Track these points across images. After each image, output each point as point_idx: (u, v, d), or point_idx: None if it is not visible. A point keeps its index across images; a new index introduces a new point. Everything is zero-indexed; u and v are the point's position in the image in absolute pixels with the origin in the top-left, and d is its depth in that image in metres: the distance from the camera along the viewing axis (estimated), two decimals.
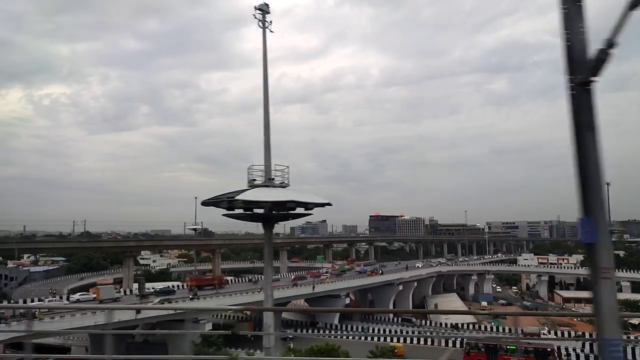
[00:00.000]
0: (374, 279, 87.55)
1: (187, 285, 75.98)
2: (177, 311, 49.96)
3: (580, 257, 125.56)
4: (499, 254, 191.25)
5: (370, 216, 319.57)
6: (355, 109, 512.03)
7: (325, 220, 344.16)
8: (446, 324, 77.27)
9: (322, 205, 21.92)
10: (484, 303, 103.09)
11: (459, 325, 74.80)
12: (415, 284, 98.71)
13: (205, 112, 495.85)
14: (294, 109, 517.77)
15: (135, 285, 80.00)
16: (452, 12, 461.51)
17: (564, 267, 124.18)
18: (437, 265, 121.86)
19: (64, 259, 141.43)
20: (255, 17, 23.08)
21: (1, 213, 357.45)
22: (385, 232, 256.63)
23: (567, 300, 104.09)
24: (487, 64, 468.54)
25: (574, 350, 54.93)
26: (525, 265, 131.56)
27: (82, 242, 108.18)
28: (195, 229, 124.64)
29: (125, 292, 72.76)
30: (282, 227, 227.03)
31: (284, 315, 78.77)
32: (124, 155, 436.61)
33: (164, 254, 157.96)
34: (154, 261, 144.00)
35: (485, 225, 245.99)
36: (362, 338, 65.42)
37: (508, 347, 43.64)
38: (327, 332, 66.59)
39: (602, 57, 4.02)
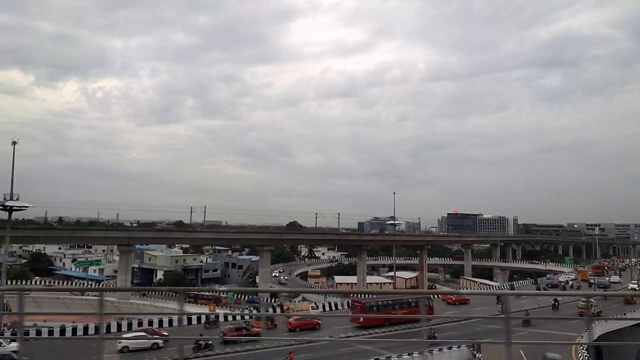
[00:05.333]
0: None
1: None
2: None
3: None
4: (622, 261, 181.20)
5: (448, 214, 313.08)
6: (399, 104, 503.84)
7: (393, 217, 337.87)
8: None
9: None
10: None
11: None
12: None
13: (249, 105, 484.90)
14: (336, 103, 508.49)
15: None
16: (506, 4, 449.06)
17: None
18: None
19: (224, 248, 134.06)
20: None
21: (61, 199, 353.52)
22: (465, 231, 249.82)
23: None
24: (540, 58, 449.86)
25: None
26: None
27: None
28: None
29: None
30: (350, 222, 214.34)
31: None
32: (169, 147, 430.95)
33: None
34: (322, 254, 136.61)
35: (585, 227, 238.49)
36: None
37: None
38: None
39: None
